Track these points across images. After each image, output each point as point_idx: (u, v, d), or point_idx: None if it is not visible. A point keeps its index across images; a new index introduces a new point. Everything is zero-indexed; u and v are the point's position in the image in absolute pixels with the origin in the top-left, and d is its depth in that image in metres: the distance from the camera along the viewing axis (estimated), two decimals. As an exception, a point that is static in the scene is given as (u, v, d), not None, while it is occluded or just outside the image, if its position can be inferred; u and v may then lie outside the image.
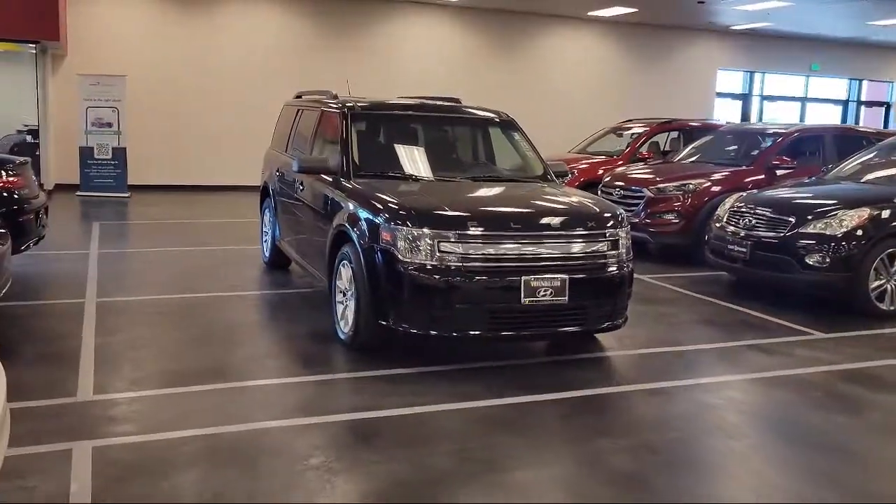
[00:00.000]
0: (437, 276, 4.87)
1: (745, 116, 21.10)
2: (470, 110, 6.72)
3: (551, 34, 17.98)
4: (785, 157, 9.66)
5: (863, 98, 22.91)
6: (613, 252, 5.27)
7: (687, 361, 5.69)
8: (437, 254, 4.88)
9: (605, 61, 18.71)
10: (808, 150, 10.20)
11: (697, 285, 8.16)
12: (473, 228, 4.94)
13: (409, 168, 6.07)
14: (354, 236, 5.31)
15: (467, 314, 4.91)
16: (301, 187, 6.69)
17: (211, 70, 15.21)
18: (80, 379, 4.74)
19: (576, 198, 5.73)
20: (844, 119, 22.63)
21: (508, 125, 6.73)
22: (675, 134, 13.24)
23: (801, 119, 21.82)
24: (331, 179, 6.03)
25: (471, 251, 4.92)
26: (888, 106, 23.35)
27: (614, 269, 5.27)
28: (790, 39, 20.33)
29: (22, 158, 7.52)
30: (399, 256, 4.94)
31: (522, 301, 4.92)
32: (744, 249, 7.48)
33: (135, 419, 4.20)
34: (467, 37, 17.23)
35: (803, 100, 22.11)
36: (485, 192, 5.81)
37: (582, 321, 5.22)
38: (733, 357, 5.75)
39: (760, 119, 21.24)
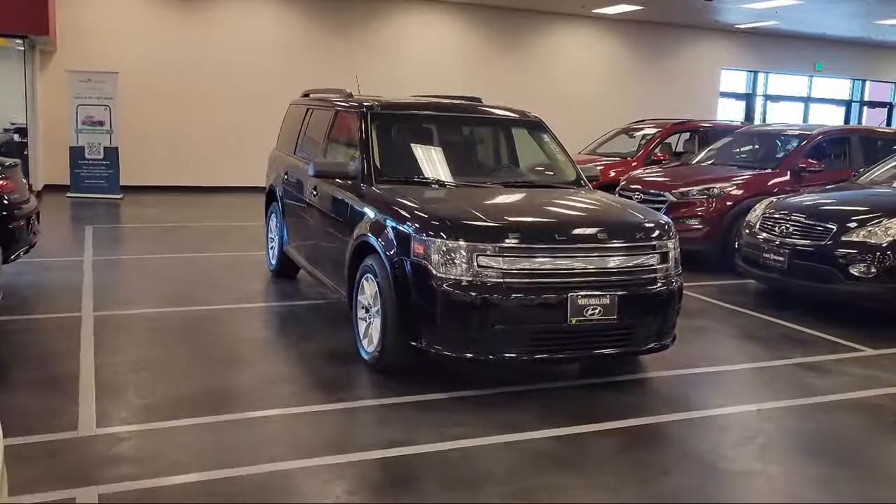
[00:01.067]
0: (474, 293, 4.42)
1: (749, 116, 20.77)
2: (497, 110, 6.28)
3: (555, 32, 17.57)
4: (811, 160, 9.27)
5: (865, 98, 22.63)
6: (663, 265, 4.85)
7: (736, 383, 5.28)
8: (475, 268, 4.44)
9: (608, 60, 18.32)
10: (834, 152, 9.83)
11: (727, 294, 7.76)
12: (514, 240, 4.50)
13: (434, 172, 5.62)
14: (380, 248, 4.86)
15: (508, 335, 4.47)
16: (314, 192, 6.23)
17: (207, 66, 14.69)
18: (80, 408, 4.27)
19: (620, 206, 5.30)
20: (847, 120, 22.35)
21: (537, 126, 6.29)
22: (686, 135, 12.87)
23: (805, 119, 21.51)
24: (350, 185, 5.58)
25: (512, 265, 4.48)
26: (891, 106, 23.10)
27: (664, 284, 4.84)
28: (794, 39, 20.03)
29: (11, 160, 7.02)
30: (432, 271, 4.50)
31: (568, 320, 4.48)
32: (781, 258, 7.07)
33: (144, 458, 3.73)
34: (470, 34, 16.79)
35: (806, 100, 21.81)
36: (521, 199, 5.37)
37: (630, 342, 4.79)
38: (784, 377, 5.34)
39: (764, 119, 20.92)
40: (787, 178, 9.18)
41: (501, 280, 4.44)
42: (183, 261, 8.49)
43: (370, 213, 5.17)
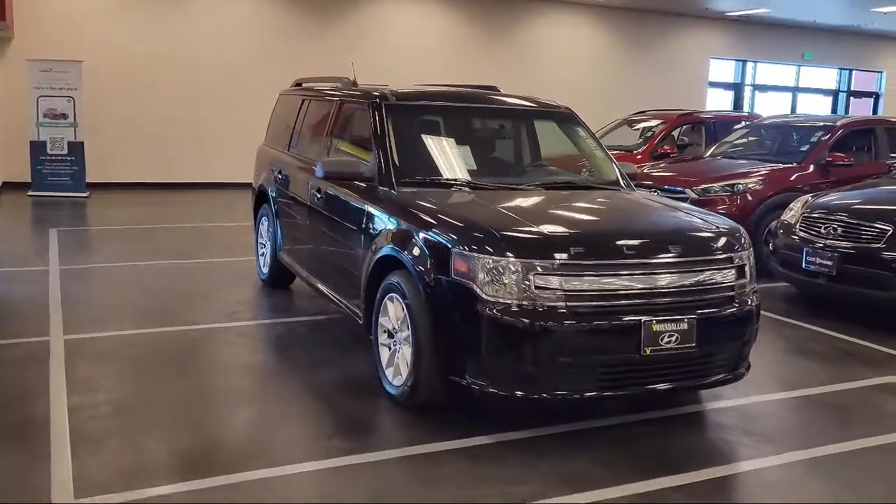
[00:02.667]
0: (530, 320, 3.69)
1: (738, 107, 20.30)
2: (524, 101, 5.54)
3: (541, 19, 16.83)
4: (838, 153, 8.68)
5: (852, 88, 22.30)
6: (741, 281, 4.16)
7: (815, 412, 4.62)
8: (531, 289, 3.71)
9: (596, 49, 17.66)
10: (858, 144, 9.25)
11: (764, 301, 7.10)
12: (577, 256, 3.77)
13: (461, 173, 4.88)
14: (409, 264, 4.10)
15: (572, 370, 3.75)
16: (318, 195, 5.44)
17: (180, 54, 13.72)
18: (53, 469, 3.47)
19: (685, 212, 4.58)
20: (835, 110, 21.99)
21: (570, 118, 5.56)
22: (686, 127, 12.24)
23: (793, 110, 21.11)
24: (364, 188, 4.81)
25: (575, 286, 3.75)
26: (877, 96, 22.78)
27: (742, 302, 4.15)
28: (783, 27, 19.59)
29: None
30: (477, 293, 3.76)
31: (643, 350, 3.77)
32: (828, 262, 6.44)
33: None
34: (453, 21, 15.98)
35: (794, 90, 21.40)
36: (570, 204, 4.64)
37: (707, 372, 4.09)
38: (873, 404, 4.68)
39: (752, 110, 20.47)
40: (813, 172, 8.58)
41: (563, 303, 3.71)
42: (162, 269, 7.64)
43: (393, 221, 4.41)
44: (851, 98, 22.37)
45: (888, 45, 21.68)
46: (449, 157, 4.96)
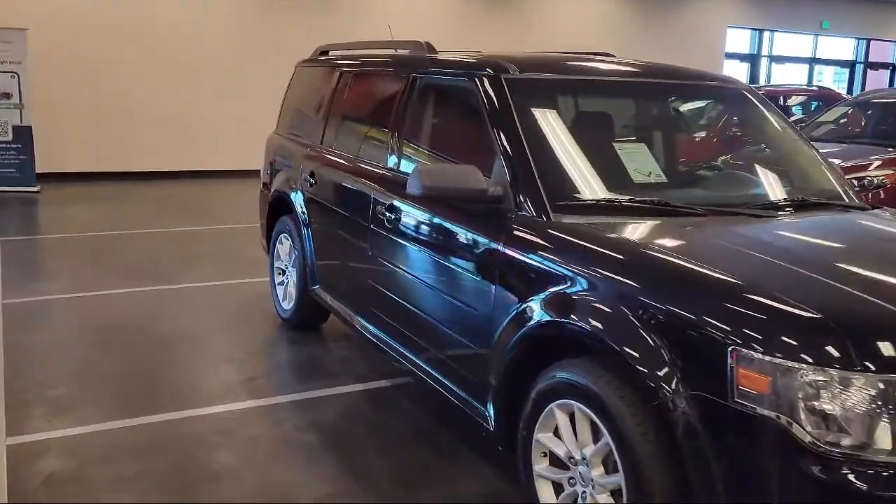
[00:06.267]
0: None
1: (754, 79, 18.82)
2: (695, 75, 3.77)
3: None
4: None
5: (869, 59, 20.95)
6: None
7: None
8: (902, 431, 1.97)
9: (606, 20, 15.96)
10: None
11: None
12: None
13: (648, 188, 3.09)
14: (633, 361, 2.31)
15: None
16: (390, 215, 3.62)
17: (145, 19, 11.59)
18: None
19: None
20: (852, 82, 20.61)
21: (758, 101, 3.80)
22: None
23: (809, 82, 19.67)
24: (484, 212, 3.02)
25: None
26: (893, 67, 21.44)
27: None
28: (802, -6, 18.22)
29: None
30: (796, 436, 2.00)
31: None
32: None
33: None
34: (459, -15, 14.14)
35: (811, 61, 19.97)
36: (863, 247, 2.88)
37: None
38: None
39: (769, 82, 19.01)
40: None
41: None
42: (139, 300, 5.75)
43: (555, 270, 2.64)
44: (869, 70, 21.03)
45: (908, 12, 20.41)
46: (620, 163, 3.14)
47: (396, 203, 3.59)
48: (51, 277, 6.39)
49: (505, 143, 3.05)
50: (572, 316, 2.55)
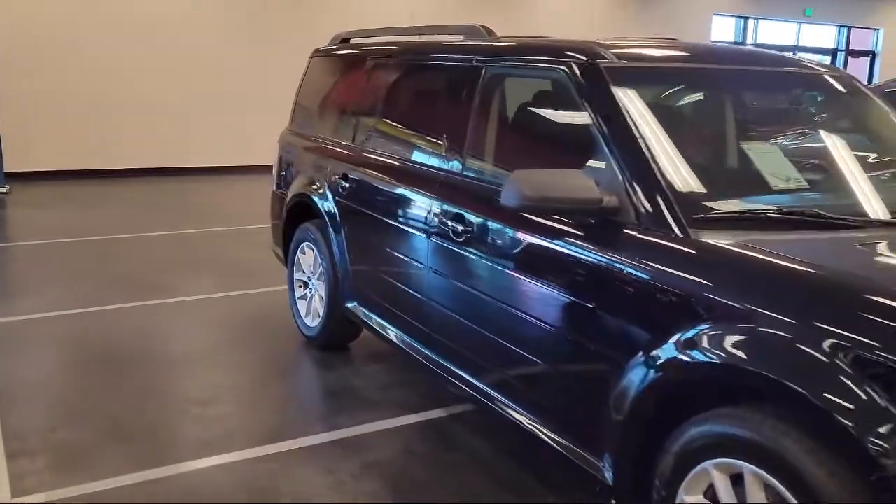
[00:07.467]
0: None
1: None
2: (800, 62, 3.31)
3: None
4: None
5: (850, 47, 20.87)
6: None
7: None
8: None
9: (595, 5, 15.53)
10: None
11: None
12: None
13: (794, 195, 2.59)
14: (844, 414, 1.81)
15: None
16: (458, 227, 3.10)
17: (120, 10, 10.85)
18: None
19: None
20: (834, 71, 20.49)
21: (858, 90, 3.35)
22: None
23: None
24: (593, 228, 2.52)
25: None
26: (873, 55, 21.37)
27: None
28: (786, -20, 18.04)
29: None
30: None
31: None
32: None
33: None
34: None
35: (794, 49, 19.80)
36: None
37: None
38: None
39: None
40: None
41: None
42: (137, 318, 5.14)
43: (725, 306, 2.14)
44: (849, 58, 20.96)
45: (888, -1, 20.40)
46: (754, 167, 2.66)
47: (466, 213, 3.07)
48: (28, 292, 5.71)
49: (618, 145, 2.55)
50: (738, 355, 2.06)
